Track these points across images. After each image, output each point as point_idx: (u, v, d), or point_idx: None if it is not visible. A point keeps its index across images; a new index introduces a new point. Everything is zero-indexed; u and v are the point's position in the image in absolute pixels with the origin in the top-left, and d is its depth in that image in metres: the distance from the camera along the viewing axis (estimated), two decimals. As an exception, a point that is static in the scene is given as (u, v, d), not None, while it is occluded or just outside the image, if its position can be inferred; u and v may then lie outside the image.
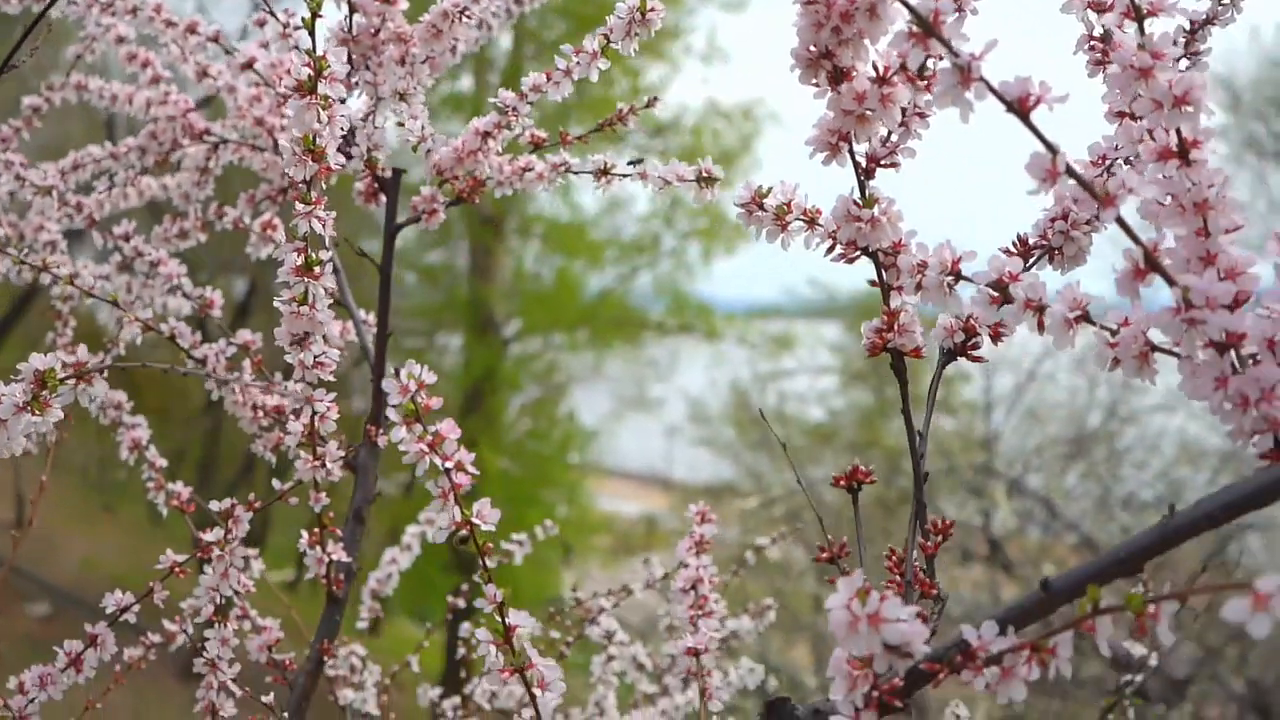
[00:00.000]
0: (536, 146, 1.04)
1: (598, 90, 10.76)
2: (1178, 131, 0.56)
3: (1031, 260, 0.73)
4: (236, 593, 1.02)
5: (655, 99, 1.05)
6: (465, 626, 1.16)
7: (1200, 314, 0.52)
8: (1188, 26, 0.78)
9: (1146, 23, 0.63)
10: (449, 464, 0.65)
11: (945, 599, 0.67)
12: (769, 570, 8.14)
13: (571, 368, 12.23)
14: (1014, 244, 0.73)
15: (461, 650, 1.38)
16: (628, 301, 11.90)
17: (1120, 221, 0.53)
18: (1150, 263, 0.54)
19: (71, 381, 0.69)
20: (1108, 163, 0.73)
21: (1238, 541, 6.34)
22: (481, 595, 0.68)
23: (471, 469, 0.66)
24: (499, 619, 0.68)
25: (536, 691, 0.68)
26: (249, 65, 1.06)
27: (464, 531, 0.67)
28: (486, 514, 0.67)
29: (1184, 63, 0.77)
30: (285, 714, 0.98)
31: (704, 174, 0.88)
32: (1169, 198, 0.57)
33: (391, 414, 0.64)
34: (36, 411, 0.70)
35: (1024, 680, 0.53)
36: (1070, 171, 0.53)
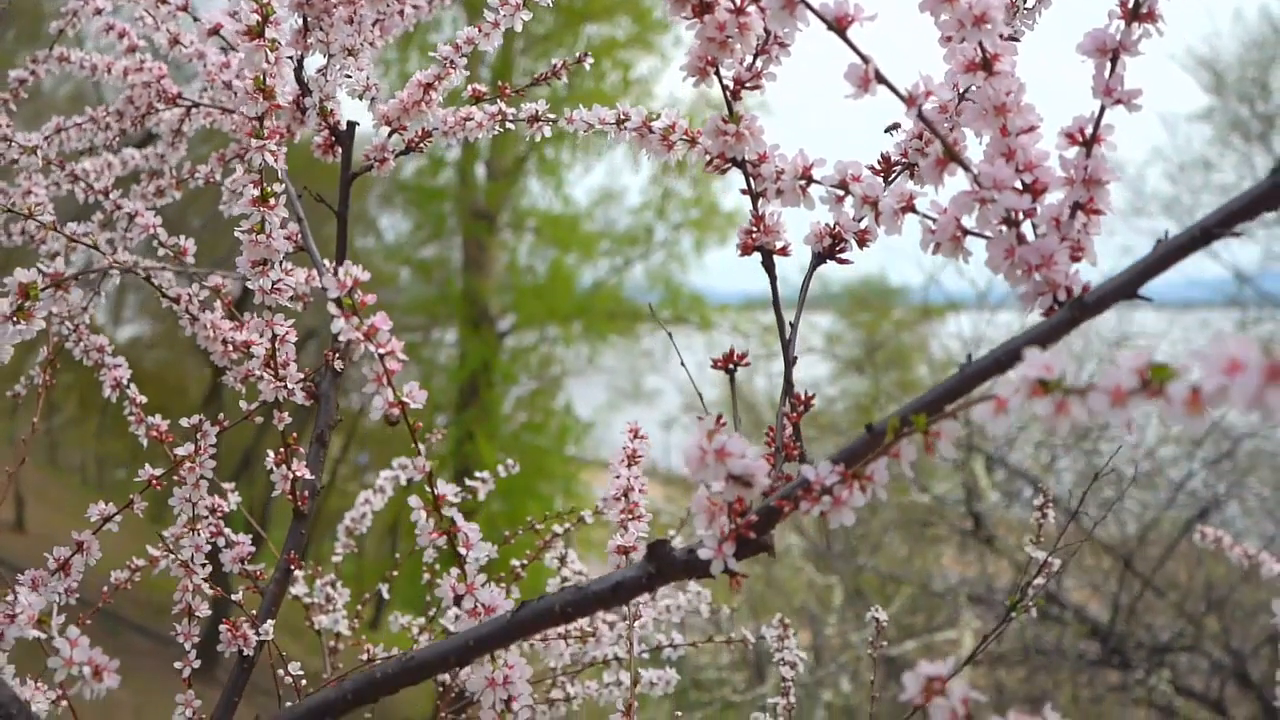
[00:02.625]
0: (477, 100, 1.14)
1: (590, 84, 10.89)
2: (980, 46, 0.66)
3: (894, 175, 0.83)
4: (211, 510, 1.12)
5: (585, 55, 1.15)
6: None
7: (989, 194, 0.62)
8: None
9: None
10: (382, 350, 0.75)
11: (812, 461, 0.77)
12: (764, 559, 8.26)
13: (566, 360, 12.34)
14: (878, 161, 0.83)
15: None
16: (621, 294, 12.01)
17: (921, 117, 0.64)
18: (950, 154, 0.64)
19: (50, 290, 0.79)
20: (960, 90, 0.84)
21: (1218, 512, 6.46)
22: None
23: (402, 356, 0.76)
24: (428, 489, 0.78)
25: (462, 551, 0.78)
26: (215, 31, 1.15)
27: (395, 411, 0.77)
28: (416, 394, 0.77)
29: (1030, 1, 0.87)
30: (254, 613, 1.08)
31: (621, 116, 0.97)
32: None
33: (331, 307, 0.74)
34: (21, 319, 0.80)
35: (851, 507, 0.64)
36: (880, 78, 0.63)
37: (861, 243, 0.81)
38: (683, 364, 1.14)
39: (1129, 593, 6.26)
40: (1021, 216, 0.64)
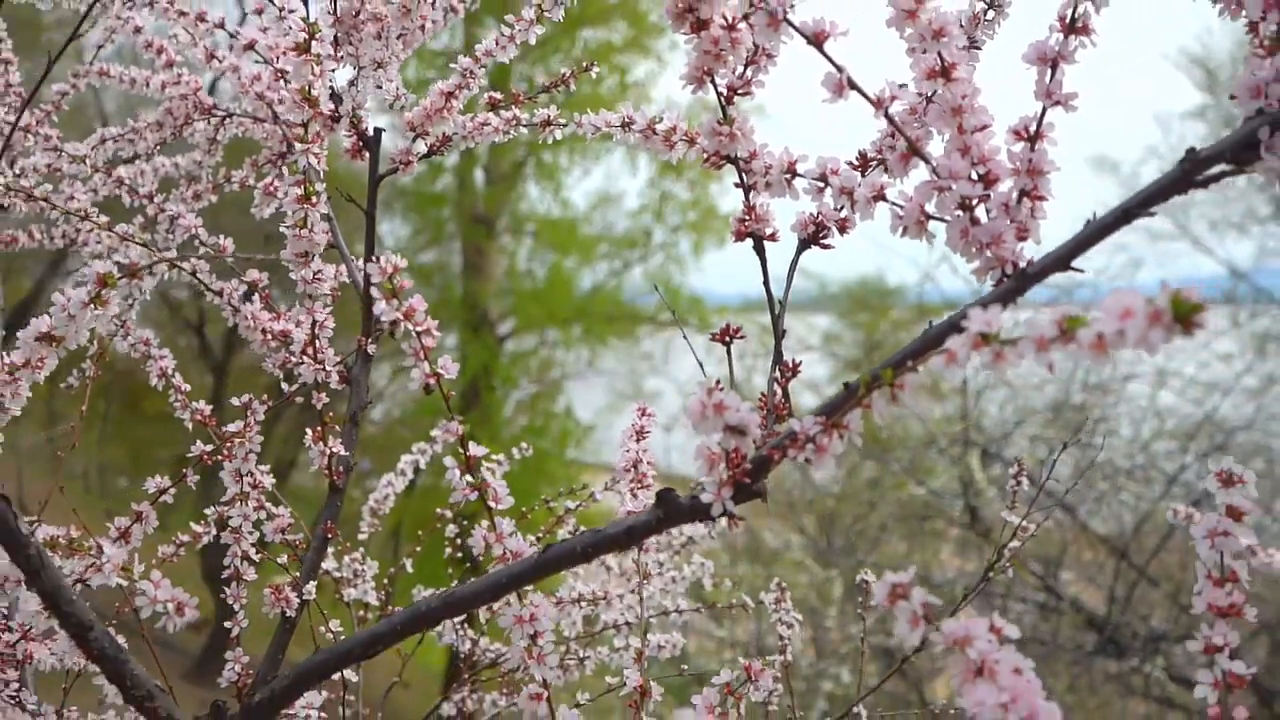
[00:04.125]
0: (493, 106, 1.25)
1: (587, 89, 11.01)
2: (940, 56, 0.77)
3: (870, 169, 0.93)
4: (253, 485, 1.23)
5: (592, 63, 1.26)
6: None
7: (946, 183, 0.73)
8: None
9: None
10: (420, 329, 0.86)
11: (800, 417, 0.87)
12: (765, 559, 8.37)
13: (566, 364, 12.44)
14: (856, 157, 0.94)
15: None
16: (620, 296, 12.11)
17: (889, 119, 0.74)
18: (912, 149, 0.74)
19: (126, 280, 0.89)
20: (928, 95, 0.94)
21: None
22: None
23: (436, 333, 0.86)
24: (461, 450, 0.89)
25: (492, 504, 0.89)
26: (250, 46, 1.26)
27: (432, 381, 0.87)
28: (449, 366, 0.87)
29: (990, 12, 0.97)
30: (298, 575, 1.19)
31: (626, 120, 1.08)
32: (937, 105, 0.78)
33: (374, 290, 0.85)
34: (99, 306, 0.90)
35: (833, 454, 0.74)
36: (852, 85, 0.74)
37: (842, 230, 0.91)
38: (693, 352, 1.24)
39: (1124, 584, 6.36)
40: (975, 202, 0.74)
